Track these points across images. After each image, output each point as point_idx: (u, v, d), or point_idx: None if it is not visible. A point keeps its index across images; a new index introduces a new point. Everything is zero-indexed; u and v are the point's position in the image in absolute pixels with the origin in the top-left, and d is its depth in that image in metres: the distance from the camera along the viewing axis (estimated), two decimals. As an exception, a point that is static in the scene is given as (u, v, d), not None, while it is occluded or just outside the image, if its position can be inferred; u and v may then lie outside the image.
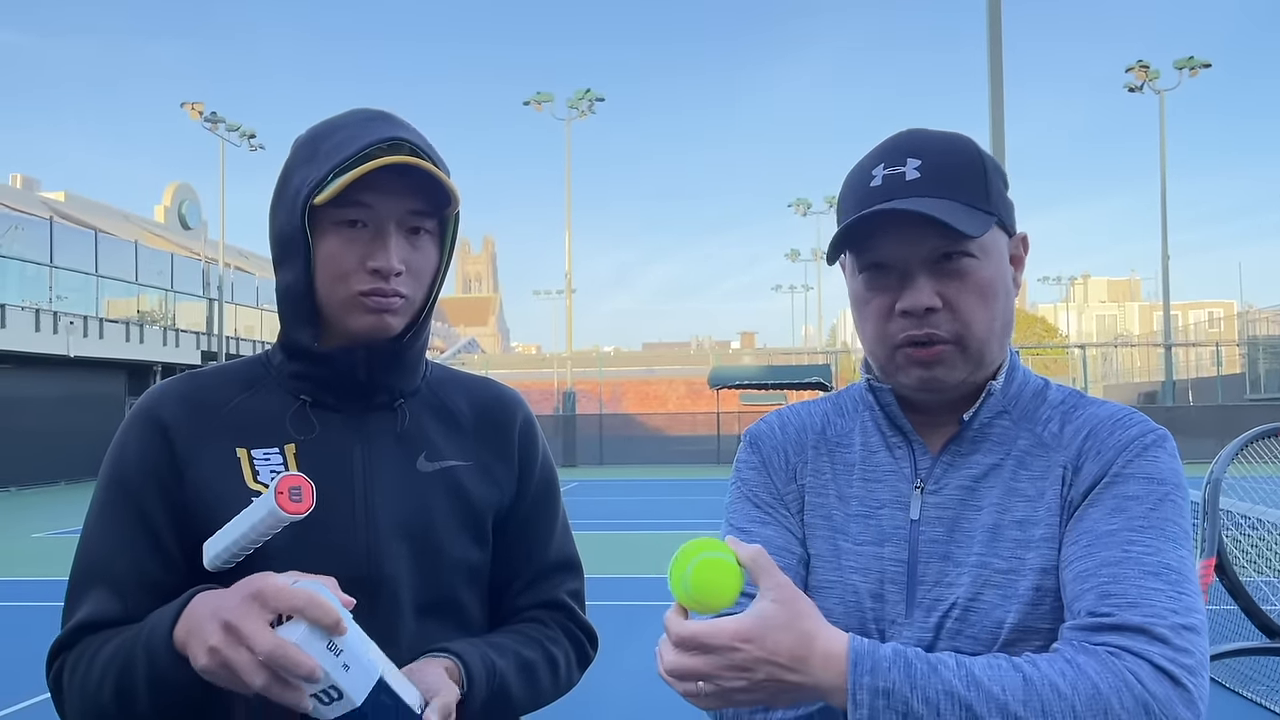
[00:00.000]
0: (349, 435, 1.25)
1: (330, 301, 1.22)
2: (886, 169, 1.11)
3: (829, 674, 0.92)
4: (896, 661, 0.92)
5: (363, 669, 0.98)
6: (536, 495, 1.38)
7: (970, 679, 0.91)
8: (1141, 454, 1.07)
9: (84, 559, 1.20)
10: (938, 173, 1.09)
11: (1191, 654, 0.94)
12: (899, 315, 1.10)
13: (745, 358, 44.82)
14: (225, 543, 1.08)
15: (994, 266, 1.11)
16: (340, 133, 1.21)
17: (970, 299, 1.09)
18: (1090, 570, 1.01)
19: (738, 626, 0.92)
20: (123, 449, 1.22)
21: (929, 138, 1.14)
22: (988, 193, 1.11)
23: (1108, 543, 1.02)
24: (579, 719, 5.01)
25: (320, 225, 1.20)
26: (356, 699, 0.97)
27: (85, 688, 1.11)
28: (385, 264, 1.19)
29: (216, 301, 29.76)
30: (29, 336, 21.66)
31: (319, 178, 1.18)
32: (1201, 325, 48.20)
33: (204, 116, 32.02)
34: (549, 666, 1.30)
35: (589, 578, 1.46)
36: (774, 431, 1.26)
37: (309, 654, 0.94)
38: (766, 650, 0.92)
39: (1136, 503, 1.04)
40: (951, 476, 1.14)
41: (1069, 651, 0.95)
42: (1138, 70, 33.14)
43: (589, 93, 35.55)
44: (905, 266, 1.10)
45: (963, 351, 1.10)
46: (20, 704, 5.26)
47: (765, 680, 0.92)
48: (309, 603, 0.95)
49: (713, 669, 0.92)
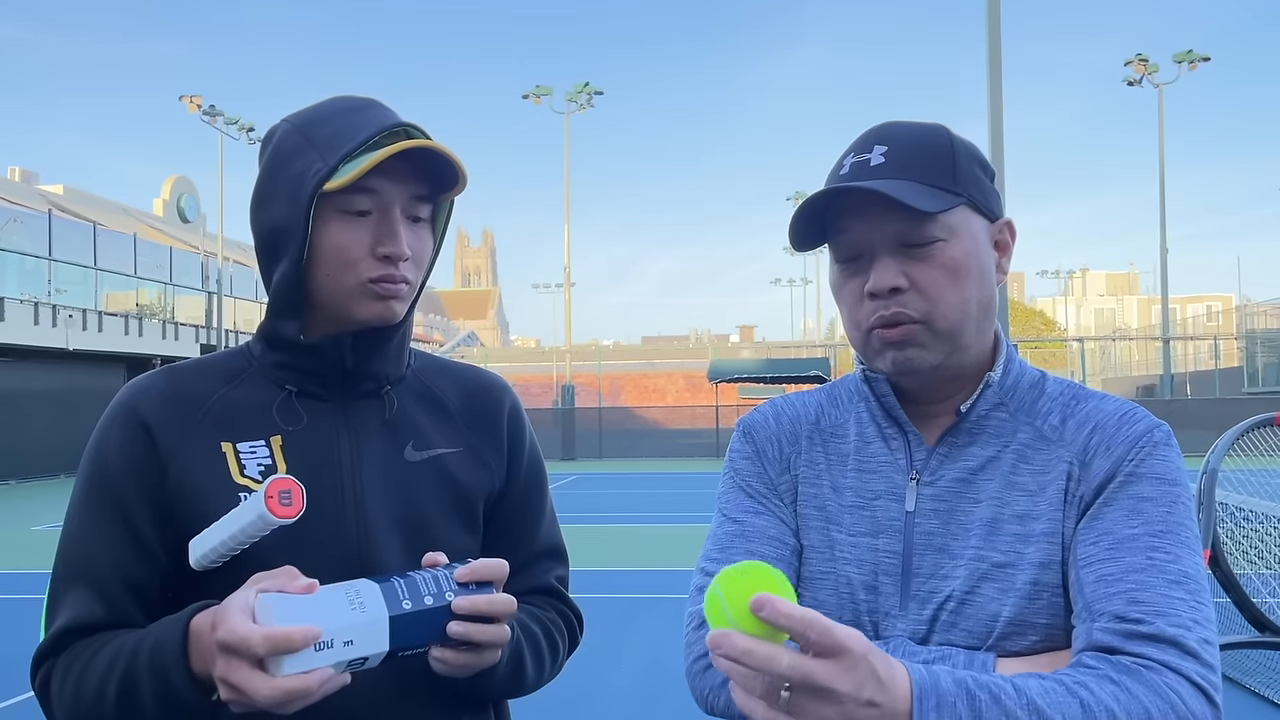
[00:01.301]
0: (336, 425, 1.24)
1: (333, 290, 1.21)
2: (855, 157, 1.13)
3: (897, 703, 0.85)
4: (960, 694, 0.88)
5: (366, 627, 1.00)
6: (526, 481, 1.38)
7: (1032, 708, 0.89)
8: (1153, 452, 1.08)
9: (65, 560, 1.18)
10: (901, 157, 1.11)
11: (1217, 670, 0.97)
12: (868, 298, 1.11)
13: (744, 351, 44.76)
14: (213, 543, 1.07)
15: (963, 247, 1.11)
16: (335, 121, 1.21)
17: (937, 277, 1.10)
18: (1117, 575, 1.01)
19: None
20: (102, 446, 1.20)
21: (900, 127, 1.15)
22: (954, 174, 1.12)
23: (1131, 548, 1.03)
24: (579, 710, 5.05)
25: (321, 214, 1.19)
26: (381, 649, 1.00)
27: (80, 697, 1.10)
28: (397, 249, 1.19)
29: (216, 295, 29.72)
30: (28, 329, 21.62)
31: (328, 166, 1.17)
32: (1200, 319, 48.14)
33: (202, 110, 31.93)
34: (550, 646, 1.32)
35: (588, 571, 1.48)
36: (768, 421, 1.26)
37: (307, 671, 0.95)
38: (870, 661, 0.83)
39: (1153, 505, 1.05)
40: (948, 469, 1.14)
41: (1110, 669, 0.95)
42: (1137, 64, 33.05)
43: (588, 86, 35.45)
44: (871, 249, 1.11)
45: (933, 333, 1.10)
46: (21, 696, 5.27)
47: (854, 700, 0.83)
48: (268, 646, 0.94)
49: (827, 677, 0.81)
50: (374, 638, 1.00)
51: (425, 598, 1.05)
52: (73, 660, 1.13)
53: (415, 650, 1.05)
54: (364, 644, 0.99)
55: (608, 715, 4.99)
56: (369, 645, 0.99)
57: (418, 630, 1.03)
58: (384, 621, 1.01)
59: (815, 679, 0.80)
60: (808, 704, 0.82)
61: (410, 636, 1.03)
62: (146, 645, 1.06)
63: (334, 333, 1.23)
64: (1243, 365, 32.83)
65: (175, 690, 1.03)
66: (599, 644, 6.14)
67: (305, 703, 0.97)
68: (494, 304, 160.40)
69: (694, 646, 1.13)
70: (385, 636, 1.00)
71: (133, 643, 1.09)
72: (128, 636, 1.11)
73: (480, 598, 1.08)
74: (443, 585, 1.07)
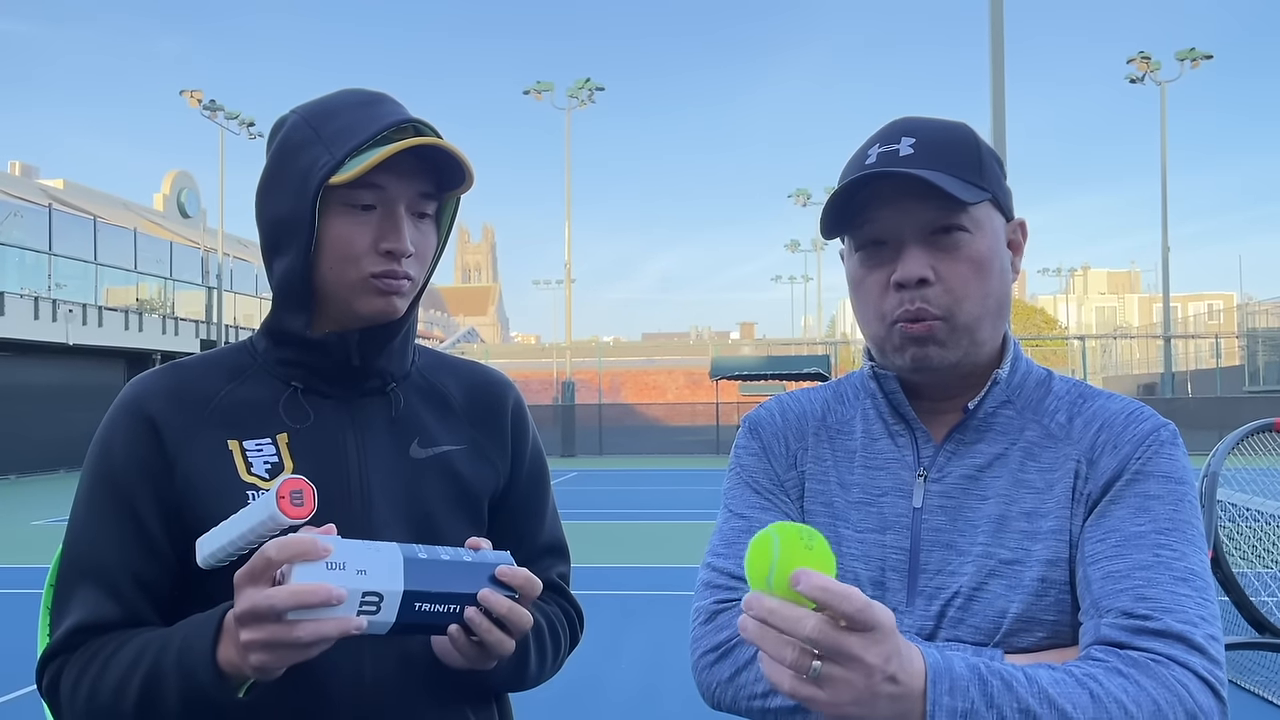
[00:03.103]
0: (342, 422, 1.24)
1: (337, 284, 1.20)
2: (881, 148, 1.13)
3: (913, 680, 0.88)
4: (972, 679, 0.90)
5: (381, 562, 1.00)
6: (529, 478, 1.38)
7: (1043, 696, 0.91)
8: (1159, 451, 1.09)
9: (73, 559, 1.17)
10: (930, 148, 1.11)
11: (1223, 665, 0.98)
12: (894, 289, 1.11)
13: (745, 348, 44.79)
14: (221, 542, 1.06)
15: (987, 243, 1.12)
16: (345, 114, 1.20)
17: (963, 272, 1.10)
18: (1124, 572, 1.02)
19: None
20: (108, 444, 1.19)
21: (925, 121, 1.15)
22: (981, 170, 1.12)
23: (1138, 545, 1.03)
24: (579, 705, 5.05)
25: (326, 208, 1.18)
26: (396, 588, 1.00)
27: (97, 696, 1.09)
28: (400, 246, 1.18)
29: (216, 290, 29.72)
30: (28, 324, 21.63)
31: (336, 159, 1.16)
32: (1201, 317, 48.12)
33: (203, 104, 31.90)
34: (554, 642, 1.32)
35: (588, 567, 1.48)
36: (774, 418, 1.26)
37: (317, 582, 0.95)
38: (897, 639, 0.85)
39: (1159, 503, 1.06)
40: (955, 465, 1.14)
41: (1118, 662, 0.96)
42: (1139, 61, 33.01)
43: (589, 82, 35.42)
44: (900, 238, 1.11)
45: (953, 329, 1.11)
46: (21, 691, 5.28)
47: (881, 672, 0.84)
48: (277, 548, 0.96)
49: (860, 648, 0.82)
50: (388, 574, 1.00)
51: (442, 554, 1.05)
52: (89, 659, 1.12)
53: (430, 617, 1.04)
54: (378, 577, 0.99)
55: (608, 710, 5.00)
56: (382, 580, 0.99)
57: (432, 586, 1.03)
58: (398, 562, 1.01)
59: (847, 648, 0.82)
60: (835, 673, 0.83)
61: (426, 585, 1.02)
62: (175, 643, 1.06)
63: (339, 329, 1.23)
64: (1244, 364, 32.84)
65: (201, 687, 1.03)
66: (600, 640, 6.15)
67: (318, 632, 0.95)
68: (494, 300, 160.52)
69: (700, 641, 1.12)
70: (400, 575, 1.00)
71: (159, 640, 1.08)
72: (152, 634, 1.10)
73: (504, 601, 1.07)
74: (465, 556, 1.07)
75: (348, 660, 1.15)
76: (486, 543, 1.12)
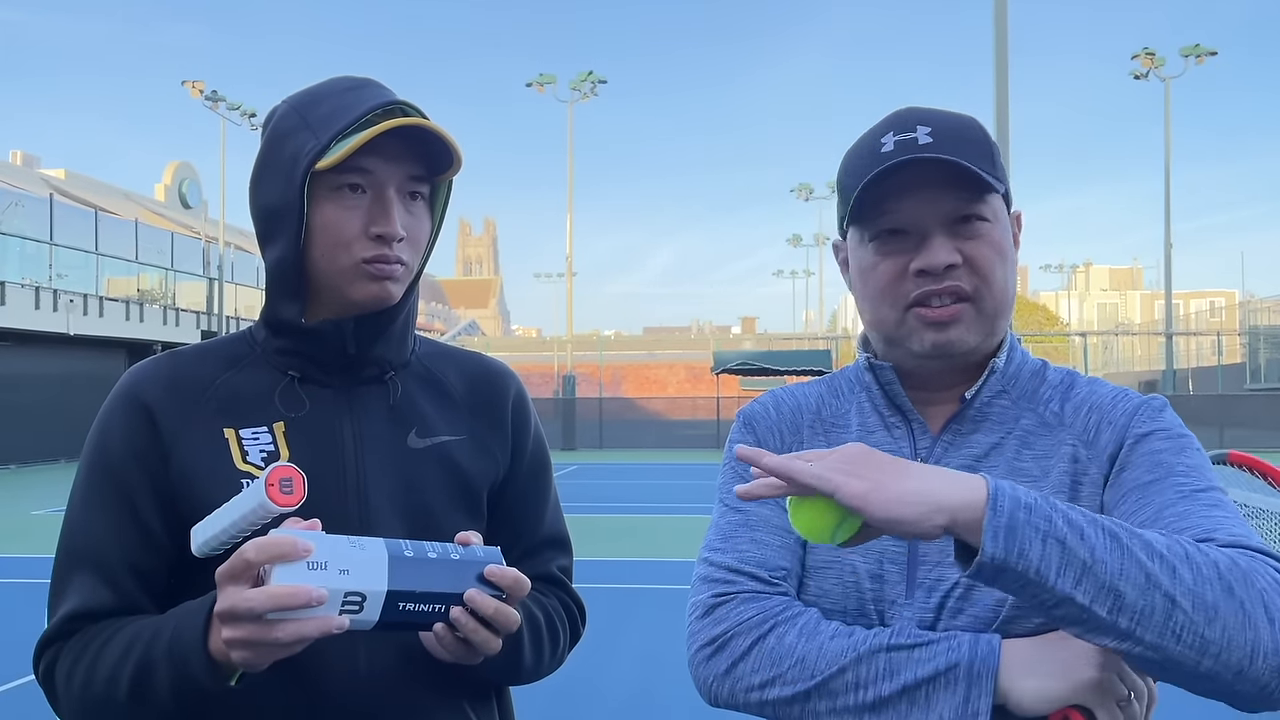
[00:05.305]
0: (339, 411, 1.23)
1: (329, 271, 1.20)
2: (897, 135, 1.12)
3: (957, 489, 0.90)
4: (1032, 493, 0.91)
5: (364, 561, 0.99)
6: (530, 469, 1.37)
7: (1110, 520, 0.91)
8: (1153, 416, 1.12)
9: (69, 546, 1.17)
10: (948, 137, 1.11)
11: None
12: (914, 275, 1.11)
13: (746, 343, 44.73)
14: (214, 530, 1.06)
15: (1003, 232, 1.14)
16: (331, 100, 1.20)
17: (990, 255, 1.11)
18: (1153, 514, 1.02)
19: None
20: (105, 432, 1.19)
21: (935, 111, 1.16)
22: (993, 160, 1.13)
23: (1159, 488, 1.04)
24: (579, 698, 5.06)
25: (316, 194, 1.18)
26: (379, 588, 0.99)
27: (91, 684, 1.09)
28: (390, 229, 1.18)
29: (217, 281, 29.71)
30: (29, 314, 21.64)
31: (321, 144, 1.16)
32: (1203, 314, 48.14)
33: (205, 95, 31.88)
34: (551, 635, 1.31)
35: (589, 560, 1.47)
36: (769, 412, 1.26)
37: (296, 583, 0.94)
38: (874, 454, 0.94)
39: (1167, 453, 1.08)
40: (953, 456, 1.14)
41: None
42: (1144, 57, 32.95)
43: (591, 75, 35.36)
44: (922, 228, 1.11)
45: (979, 312, 1.12)
46: (20, 680, 5.29)
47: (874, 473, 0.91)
48: (256, 549, 0.95)
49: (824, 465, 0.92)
50: (371, 573, 0.99)
51: (429, 552, 1.04)
52: (83, 647, 1.12)
53: (414, 616, 1.03)
54: (360, 577, 0.98)
55: (606, 704, 5.01)
56: (365, 580, 0.98)
57: (417, 586, 1.02)
58: (383, 561, 1.00)
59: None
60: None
61: (410, 585, 1.01)
62: (166, 632, 1.06)
63: (334, 317, 1.22)
64: (1245, 361, 32.83)
65: (193, 676, 1.03)
66: (598, 633, 6.11)
67: (299, 633, 0.95)
68: (495, 293, 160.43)
69: (698, 635, 1.12)
70: (384, 575, 0.99)
71: (151, 629, 1.08)
72: (144, 622, 1.10)
73: (491, 601, 1.06)
74: (453, 553, 1.06)
75: (343, 652, 1.15)
76: (477, 537, 1.10)
